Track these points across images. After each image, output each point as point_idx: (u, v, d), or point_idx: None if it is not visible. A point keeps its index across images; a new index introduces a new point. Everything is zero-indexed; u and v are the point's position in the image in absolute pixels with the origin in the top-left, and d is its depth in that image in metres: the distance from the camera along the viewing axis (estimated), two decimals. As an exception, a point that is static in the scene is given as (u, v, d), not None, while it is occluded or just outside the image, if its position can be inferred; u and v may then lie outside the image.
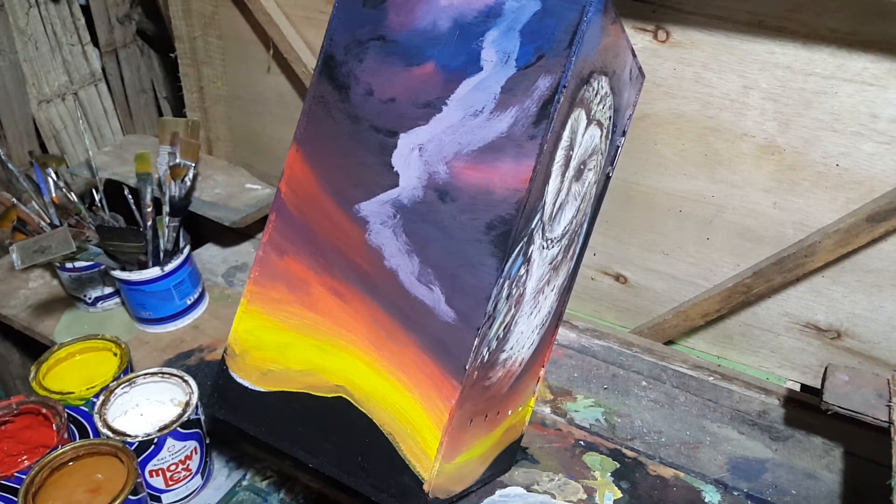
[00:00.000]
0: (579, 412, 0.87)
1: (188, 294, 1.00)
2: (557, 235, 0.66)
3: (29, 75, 1.25)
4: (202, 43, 1.18)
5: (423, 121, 0.61)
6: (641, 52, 0.81)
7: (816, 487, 0.78)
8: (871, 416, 0.73)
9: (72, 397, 0.80)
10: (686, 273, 0.94)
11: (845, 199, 0.79)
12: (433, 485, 0.59)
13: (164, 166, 1.01)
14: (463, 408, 0.60)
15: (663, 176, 0.89)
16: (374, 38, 0.63)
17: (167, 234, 0.96)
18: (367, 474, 0.61)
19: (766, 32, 0.75)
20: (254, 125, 1.25)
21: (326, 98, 0.65)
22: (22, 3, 1.20)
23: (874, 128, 0.75)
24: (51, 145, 1.32)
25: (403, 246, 0.61)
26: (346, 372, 0.62)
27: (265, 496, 0.77)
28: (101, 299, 1.03)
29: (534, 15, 0.57)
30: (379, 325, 0.61)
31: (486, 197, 0.58)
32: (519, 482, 0.78)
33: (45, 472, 0.69)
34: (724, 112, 0.81)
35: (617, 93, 0.69)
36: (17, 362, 1.28)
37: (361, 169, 0.63)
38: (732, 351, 0.97)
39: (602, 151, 0.70)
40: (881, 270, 0.82)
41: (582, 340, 0.98)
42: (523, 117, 0.57)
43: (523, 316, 0.65)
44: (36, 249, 0.80)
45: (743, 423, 0.86)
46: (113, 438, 0.74)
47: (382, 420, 0.61)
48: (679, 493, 0.77)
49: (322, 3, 1.04)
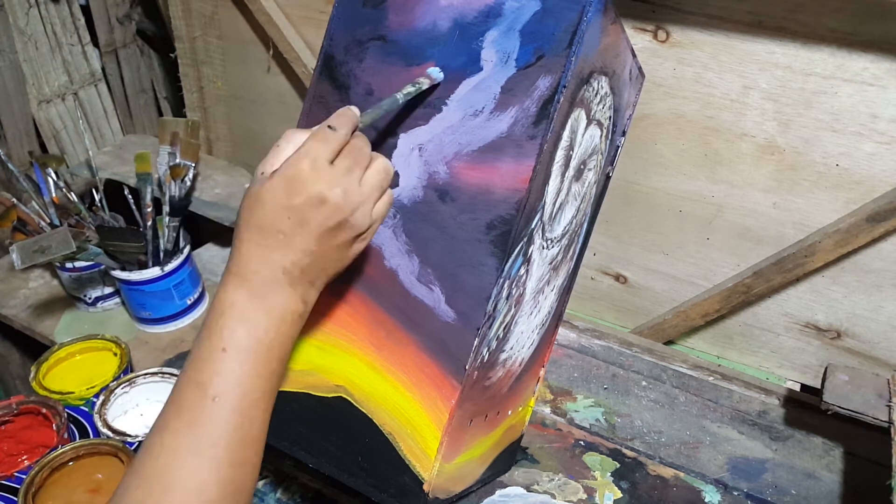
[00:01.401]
0: (579, 412, 0.87)
1: (188, 294, 1.00)
2: (557, 235, 0.66)
3: (29, 75, 1.25)
4: (202, 43, 1.18)
5: (423, 121, 0.61)
6: (641, 52, 0.81)
7: (816, 487, 0.78)
8: (871, 416, 0.73)
9: (72, 397, 0.80)
10: (686, 273, 0.94)
11: (845, 199, 0.79)
12: (433, 485, 0.59)
13: (164, 166, 1.01)
14: (463, 408, 0.60)
15: (663, 176, 0.89)
16: (374, 38, 0.63)
17: (167, 234, 0.96)
18: (367, 474, 0.61)
19: (766, 32, 0.75)
20: (254, 125, 1.25)
21: (326, 98, 0.65)
22: (22, 3, 1.20)
23: (874, 128, 0.75)
24: (51, 145, 1.32)
25: (403, 246, 0.61)
26: (346, 372, 0.62)
27: (262, 496, 0.77)
28: (101, 299, 1.03)
29: (534, 15, 0.57)
30: (379, 325, 0.61)
31: (485, 197, 0.58)
32: (519, 482, 0.78)
33: (45, 472, 0.69)
34: (724, 112, 0.81)
35: (617, 93, 0.69)
36: (17, 362, 1.28)
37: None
38: (732, 351, 0.97)
39: (602, 151, 0.70)
40: (881, 270, 0.82)
41: (582, 340, 0.98)
42: (523, 117, 0.57)
43: (523, 316, 0.65)
44: (36, 249, 0.80)
45: (743, 423, 0.86)
46: (113, 438, 0.74)
47: (382, 420, 0.61)
48: (679, 493, 0.77)
49: (322, 3, 1.04)
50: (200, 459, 0.44)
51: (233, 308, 0.47)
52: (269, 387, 0.47)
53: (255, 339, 0.47)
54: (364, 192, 0.50)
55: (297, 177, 0.47)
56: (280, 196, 0.47)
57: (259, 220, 0.47)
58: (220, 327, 0.46)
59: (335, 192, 0.47)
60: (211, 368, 0.46)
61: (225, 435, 0.45)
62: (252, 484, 0.47)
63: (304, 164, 0.47)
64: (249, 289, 0.47)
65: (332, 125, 0.49)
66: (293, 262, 0.48)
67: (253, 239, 0.48)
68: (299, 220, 0.47)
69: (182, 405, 0.45)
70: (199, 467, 0.44)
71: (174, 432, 0.45)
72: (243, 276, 0.47)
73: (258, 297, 0.47)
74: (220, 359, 0.46)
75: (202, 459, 0.44)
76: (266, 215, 0.47)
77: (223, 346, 0.46)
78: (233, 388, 0.45)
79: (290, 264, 0.48)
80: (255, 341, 0.47)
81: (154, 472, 0.44)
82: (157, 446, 0.44)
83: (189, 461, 0.44)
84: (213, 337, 0.46)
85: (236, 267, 0.48)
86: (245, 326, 0.47)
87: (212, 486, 0.44)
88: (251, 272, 0.47)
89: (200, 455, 0.44)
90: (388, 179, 0.52)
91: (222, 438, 0.45)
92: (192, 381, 0.46)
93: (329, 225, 0.48)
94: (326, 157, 0.48)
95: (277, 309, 0.48)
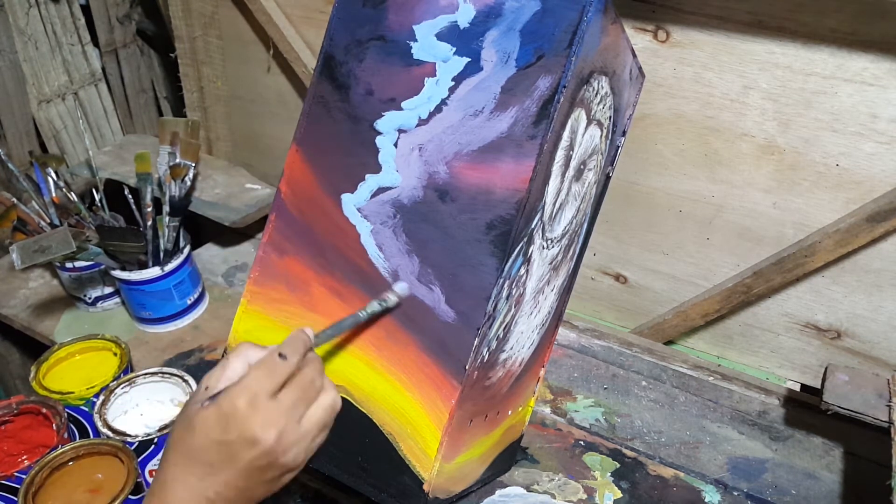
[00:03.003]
0: (579, 412, 0.87)
1: (188, 294, 1.00)
2: (557, 235, 0.66)
3: (29, 75, 1.25)
4: (202, 43, 1.18)
5: (424, 121, 0.61)
6: (641, 52, 0.81)
7: (816, 487, 0.78)
8: (871, 416, 0.73)
9: (72, 397, 0.80)
10: (686, 273, 0.94)
11: (845, 199, 0.79)
12: (433, 485, 0.59)
13: (164, 166, 1.01)
14: (463, 408, 0.60)
15: (663, 176, 0.89)
16: (374, 38, 0.63)
17: (167, 234, 0.96)
18: (367, 474, 0.62)
19: (766, 32, 0.75)
20: (254, 125, 1.25)
21: (326, 98, 0.65)
22: (22, 3, 1.20)
23: (874, 128, 0.75)
24: (51, 145, 1.32)
25: (403, 246, 0.61)
26: (346, 372, 0.62)
27: (265, 496, 0.77)
28: (101, 299, 1.03)
29: (534, 15, 0.57)
30: (379, 325, 0.61)
31: (485, 197, 0.58)
32: (519, 482, 0.78)
33: (45, 472, 0.69)
34: (724, 112, 0.81)
35: (617, 93, 0.69)
36: (17, 362, 1.28)
37: (362, 169, 0.63)
38: (732, 351, 0.97)
39: (602, 151, 0.70)
40: (881, 270, 0.82)
41: (582, 340, 0.98)
42: (523, 117, 0.57)
43: (523, 316, 0.65)
44: (36, 249, 0.80)
45: (743, 423, 0.86)
46: (113, 438, 0.74)
47: (382, 420, 0.61)
48: (679, 493, 0.77)
49: (322, 3, 1.04)
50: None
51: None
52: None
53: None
54: (302, 431, 0.48)
55: (233, 414, 0.46)
56: (212, 429, 0.46)
57: (188, 447, 0.47)
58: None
59: (268, 434, 0.46)
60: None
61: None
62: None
63: (241, 400, 0.46)
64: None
65: (282, 353, 0.48)
66: (217, 492, 0.47)
67: (179, 464, 0.47)
68: (228, 455, 0.46)
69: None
70: None
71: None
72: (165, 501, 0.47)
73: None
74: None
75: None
76: (195, 444, 0.46)
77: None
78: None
79: (214, 494, 0.47)
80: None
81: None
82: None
83: None
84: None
85: (161, 491, 0.47)
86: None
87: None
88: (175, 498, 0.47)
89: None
90: (332, 416, 0.50)
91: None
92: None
93: (259, 465, 0.47)
94: (269, 390, 0.46)
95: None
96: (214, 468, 0.46)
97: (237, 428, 0.46)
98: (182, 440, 0.47)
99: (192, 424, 0.47)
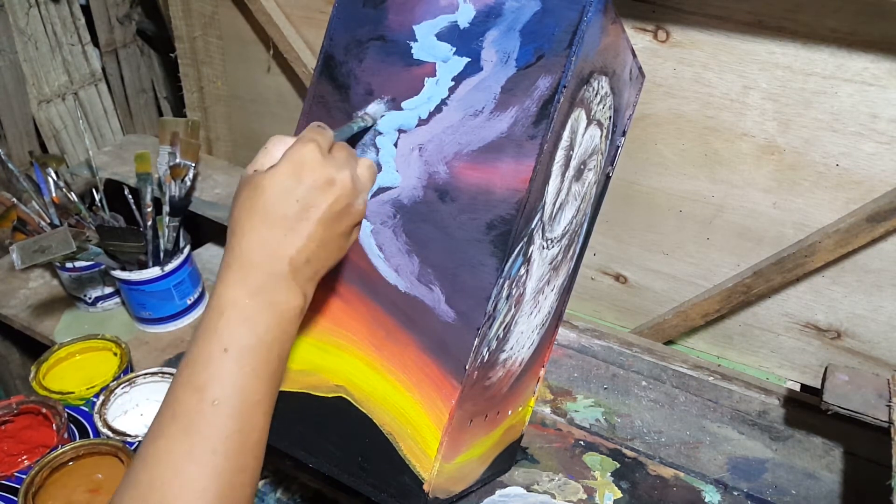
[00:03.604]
0: (579, 412, 0.87)
1: (188, 294, 1.00)
2: (557, 235, 0.66)
3: (29, 75, 1.25)
4: (202, 43, 1.18)
5: (424, 121, 0.61)
6: (641, 52, 0.81)
7: (816, 487, 0.78)
8: (871, 416, 0.73)
9: (72, 397, 0.80)
10: (686, 273, 0.94)
11: (845, 199, 0.79)
12: (433, 485, 0.59)
13: (164, 166, 1.01)
14: (463, 408, 0.60)
15: (663, 176, 0.89)
16: (374, 38, 0.63)
17: (167, 234, 0.96)
18: (367, 474, 0.61)
19: (766, 32, 0.75)
20: (254, 125, 1.25)
21: (326, 98, 0.65)
22: (22, 3, 1.20)
23: (874, 128, 0.75)
24: (51, 145, 1.32)
25: (403, 246, 0.61)
26: (346, 372, 0.62)
27: (262, 496, 0.77)
28: (101, 299, 1.03)
29: (534, 15, 0.57)
30: (379, 325, 0.61)
31: (486, 197, 0.58)
32: (519, 482, 0.78)
33: (45, 472, 0.69)
34: (724, 112, 0.81)
35: (617, 93, 0.69)
36: (17, 362, 1.28)
37: (361, 169, 0.63)
38: (732, 351, 0.97)
39: (602, 151, 0.70)
40: (881, 270, 0.82)
41: (582, 340, 0.98)
42: (523, 117, 0.57)
43: (523, 316, 0.65)
44: (36, 249, 0.80)
45: (743, 423, 0.86)
46: (113, 438, 0.74)
47: (382, 420, 0.61)
48: (679, 493, 0.77)
49: (322, 3, 1.04)
50: (199, 467, 0.42)
51: (234, 306, 0.45)
52: (269, 389, 0.46)
53: (256, 337, 0.45)
54: (363, 179, 0.51)
55: (304, 160, 0.47)
56: (286, 181, 0.46)
57: (262, 207, 0.46)
58: (220, 327, 0.45)
59: (343, 174, 0.48)
60: (209, 371, 0.44)
61: (224, 440, 0.43)
62: (252, 490, 0.45)
63: (309, 147, 0.47)
64: (251, 284, 0.45)
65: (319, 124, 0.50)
66: (298, 249, 0.46)
67: (256, 228, 0.46)
68: (306, 204, 0.46)
69: (178, 410, 0.43)
70: (198, 475, 0.42)
71: (171, 438, 0.43)
72: (245, 270, 0.46)
73: (261, 292, 0.45)
74: (219, 361, 0.44)
75: (200, 466, 0.42)
76: (269, 201, 0.46)
77: (224, 347, 0.44)
78: (232, 391, 0.44)
79: (296, 252, 0.46)
80: (257, 340, 0.45)
81: (150, 480, 0.42)
82: (153, 454, 0.43)
83: (187, 469, 0.42)
84: (212, 337, 0.44)
85: (237, 261, 0.46)
86: (247, 325, 0.45)
87: (210, 494, 0.42)
88: (253, 265, 0.46)
89: (199, 462, 0.42)
90: (374, 176, 0.54)
91: (221, 444, 0.43)
92: (189, 384, 0.44)
93: (336, 209, 0.48)
94: (325, 146, 0.48)
95: (280, 304, 0.46)
96: (292, 222, 0.46)
97: (312, 173, 0.47)
98: (252, 203, 0.46)
99: (259, 185, 0.46)
